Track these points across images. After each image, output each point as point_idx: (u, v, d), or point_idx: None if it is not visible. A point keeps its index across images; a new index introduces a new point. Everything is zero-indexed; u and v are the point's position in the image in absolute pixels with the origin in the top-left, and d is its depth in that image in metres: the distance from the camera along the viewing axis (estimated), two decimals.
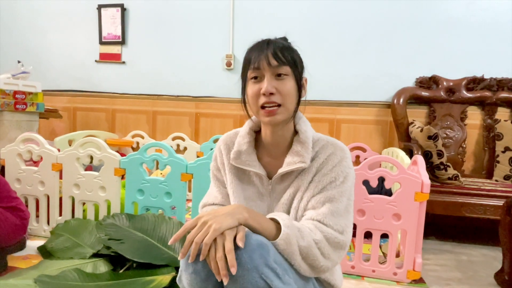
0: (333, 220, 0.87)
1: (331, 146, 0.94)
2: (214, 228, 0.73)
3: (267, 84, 0.87)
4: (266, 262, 0.74)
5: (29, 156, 2.02)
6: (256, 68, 0.88)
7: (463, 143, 2.58)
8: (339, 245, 0.87)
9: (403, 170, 1.58)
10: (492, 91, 2.53)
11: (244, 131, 1.00)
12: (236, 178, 1.00)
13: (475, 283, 1.69)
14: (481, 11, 2.60)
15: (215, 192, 1.04)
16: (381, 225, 1.61)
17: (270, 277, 0.74)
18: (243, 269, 0.73)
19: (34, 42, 3.40)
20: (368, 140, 2.82)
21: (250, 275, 0.73)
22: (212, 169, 1.06)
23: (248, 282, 0.73)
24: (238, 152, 0.97)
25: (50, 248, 1.73)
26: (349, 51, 2.83)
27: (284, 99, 0.88)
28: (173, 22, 3.12)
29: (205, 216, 0.77)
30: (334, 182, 0.91)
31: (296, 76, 0.90)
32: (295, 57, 0.91)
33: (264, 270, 0.73)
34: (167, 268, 1.44)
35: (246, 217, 0.78)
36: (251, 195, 0.99)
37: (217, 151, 1.05)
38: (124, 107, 3.26)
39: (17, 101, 2.44)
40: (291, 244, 0.80)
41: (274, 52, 0.87)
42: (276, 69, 0.87)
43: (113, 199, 1.91)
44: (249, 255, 0.73)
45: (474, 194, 2.07)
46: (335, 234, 0.86)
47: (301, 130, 0.94)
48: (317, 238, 0.84)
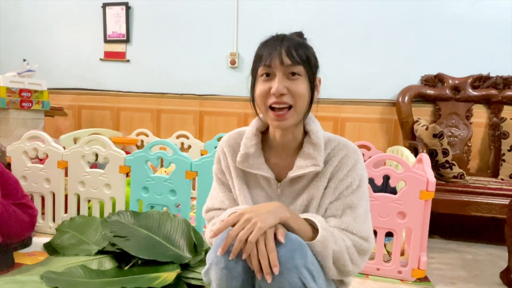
0: (356, 227, 0.86)
1: (344, 147, 0.90)
2: (260, 226, 0.73)
3: (278, 84, 0.81)
4: (305, 263, 0.74)
5: (35, 154, 2.03)
6: (267, 65, 0.82)
7: (468, 142, 2.56)
8: (365, 251, 0.86)
9: (408, 168, 1.57)
10: (498, 89, 2.51)
11: (250, 132, 0.94)
12: (243, 181, 0.95)
13: (480, 282, 1.69)
14: (487, 9, 2.58)
15: (221, 196, 0.99)
16: (386, 223, 1.61)
17: (308, 279, 0.73)
18: (283, 268, 0.72)
19: (39, 40, 3.42)
20: (372, 139, 2.81)
21: (289, 274, 0.72)
22: (215, 172, 1.01)
23: (286, 281, 0.72)
24: (245, 155, 0.92)
25: (56, 245, 1.74)
26: (354, 49, 2.82)
27: (295, 101, 0.82)
28: (177, 20, 3.12)
29: (247, 213, 0.76)
30: (351, 186, 0.88)
31: (310, 77, 0.85)
32: (310, 56, 0.85)
33: (303, 271, 0.73)
34: (172, 265, 1.44)
35: (288, 216, 0.78)
36: (259, 199, 0.95)
37: (220, 154, 0.99)
38: (129, 105, 3.27)
39: (23, 99, 2.45)
40: (327, 247, 0.79)
41: (287, 49, 0.82)
42: (289, 68, 0.82)
43: (118, 196, 1.92)
44: (291, 255, 0.73)
45: (479, 192, 2.05)
46: (361, 241, 0.85)
47: (312, 131, 0.89)
48: (347, 244, 0.84)
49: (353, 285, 1.56)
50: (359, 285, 1.57)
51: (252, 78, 0.90)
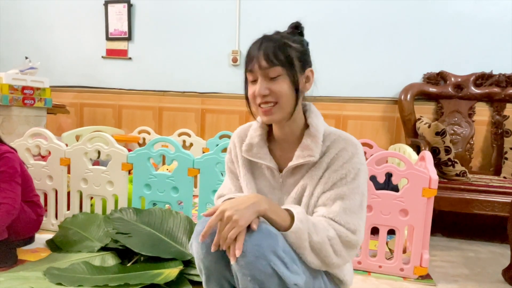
0: (345, 218, 0.87)
1: (343, 141, 0.92)
2: (240, 224, 0.78)
3: (259, 87, 0.88)
4: (274, 251, 0.78)
5: (38, 151, 2.03)
6: (249, 70, 0.90)
7: (471, 140, 2.56)
8: (351, 244, 0.87)
9: (410, 166, 1.57)
10: (501, 87, 2.50)
11: (256, 124, 1.00)
12: (248, 171, 1.01)
13: (482, 279, 1.69)
14: (490, 6, 2.56)
15: (229, 184, 1.06)
16: (388, 220, 1.61)
17: (278, 265, 0.78)
18: (251, 256, 0.77)
19: (41, 38, 3.42)
20: (374, 136, 2.81)
21: (258, 261, 0.77)
22: (226, 161, 1.08)
23: (256, 268, 0.77)
24: (250, 145, 0.98)
25: (59, 242, 1.75)
26: (356, 47, 2.81)
27: (278, 99, 0.88)
28: (179, 18, 3.12)
29: (228, 209, 0.79)
30: (345, 178, 0.90)
31: (291, 75, 0.88)
32: (289, 55, 0.88)
33: (272, 258, 0.78)
34: (174, 262, 1.45)
35: (266, 208, 0.82)
36: (263, 188, 0.99)
37: (231, 144, 1.06)
38: (131, 103, 3.27)
39: (25, 97, 2.46)
40: (301, 239, 0.82)
41: (265, 53, 0.87)
42: (267, 71, 0.87)
43: (121, 193, 1.92)
44: (258, 243, 0.78)
45: (481, 190, 2.05)
46: (347, 233, 0.87)
47: (312, 124, 0.94)
48: (330, 234, 0.85)
49: (355, 282, 1.56)
50: (362, 283, 1.57)
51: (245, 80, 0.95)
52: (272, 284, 0.79)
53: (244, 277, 0.79)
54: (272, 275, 0.78)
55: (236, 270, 0.80)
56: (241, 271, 0.79)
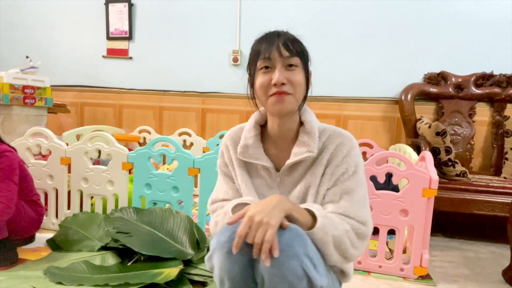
0: (354, 212, 0.89)
1: (339, 136, 0.94)
2: (273, 224, 0.76)
3: (278, 74, 0.87)
4: (305, 251, 0.77)
5: (38, 150, 2.04)
6: (267, 58, 0.88)
7: (471, 140, 2.56)
8: (363, 235, 0.89)
9: (411, 166, 1.57)
10: (502, 87, 2.50)
11: (249, 125, 1.00)
12: (245, 171, 1.00)
13: (482, 279, 1.69)
14: (491, 6, 2.56)
15: (225, 188, 1.03)
16: (388, 221, 1.61)
17: (309, 267, 0.77)
18: (284, 256, 0.75)
19: (42, 37, 3.42)
20: (375, 137, 2.81)
21: (290, 262, 0.75)
22: (219, 165, 1.06)
23: (287, 269, 0.75)
24: (245, 146, 0.97)
25: (59, 241, 1.75)
26: (357, 47, 2.81)
27: (294, 89, 0.88)
28: (180, 18, 3.12)
29: (256, 214, 0.77)
30: (347, 172, 0.91)
31: (305, 68, 0.91)
32: (304, 49, 0.92)
33: (304, 259, 0.76)
34: (174, 261, 1.45)
35: (291, 207, 0.82)
36: (260, 189, 0.99)
37: (223, 148, 1.04)
38: (131, 102, 3.27)
39: (26, 96, 2.46)
40: (327, 234, 0.82)
41: (285, 43, 0.88)
42: (287, 59, 0.88)
43: (121, 193, 1.92)
44: (290, 243, 0.76)
45: (482, 191, 2.05)
46: (359, 225, 0.88)
47: (306, 121, 0.94)
48: (346, 228, 0.86)
49: (355, 282, 1.56)
50: (361, 283, 1.57)
51: (251, 72, 0.94)
52: (301, 286, 0.76)
53: (275, 277, 0.76)
54: (302, 276, 0.76)
55: (265, 271, 0.77)
56: (271, 272, 0.76)
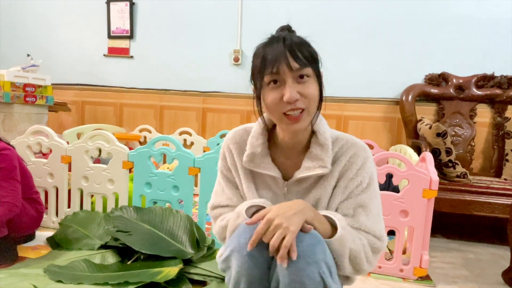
0: (370, 226, 0.86)
1: (352, 146, 0.89)
2: (292, 230, 0.74)
3: (290, 91, 0.78)
4: (325, 259, 0.75)
5: (39, 148, 2.04)
6: (275, 72, 0.79)
7: (472, 141, 2.56)
8: (378, 250, 0.87)
9: (411, 167, 1.57)
10: (503, 88, 2.50)
11: (256, 132, 0.92)
12: (250, 180, 0.94)
13: (482, 281, 1.69)
14: (492, 7, 2.56)
15: (228, 194, 0.97)
16: (388, 221, 1.61)
17: (326, 274, 0.75)
18: (303, 262, 0.73)
19: (43, 36, 3.42)
20: (375, 137, 2.81)
21: (309, 268, 0.73)
22: (221, 168, 0.99)
23: (306, 275, 0.73)
24: (252, 155, 0.90)
25: (59, 239, 1.75)
26: (358, 47, 2.81)
27: (308, 103, 0.80)
28: (181, 17, 3.12)
29: (276, 217, 0.75)
30: (361, 185, 0.87)
31: (318, 75, 0.83)
32: (313, 53, 0.82)
33: (323, 266, 0.75)
34: (174, 260, 1.45)
35: (313, 216, 0.80)
36: (266, 197, 0.94)
37: (225, 150, 0.97)
38: (132, 101, 3.27)
39: (27, 94, 2.46)
40: (344, 246, 0.80)
41: (292, 51, 0.78)
42: (298, 72, 0.79)
43: (121, 191, 1.92)
44: (312, 249, 0.74)
45: (482, 192, 2.05)
46: (375, 240, 0.86)
47: (320, 131, 0.88)
48: (364, 243, 0.84)
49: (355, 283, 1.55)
50: (361, 283, 1.57)
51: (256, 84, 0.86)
52: None
53: (292, 283, 0.74)
54: (319, 283, 0.74)
55: (282, 276, 0.75)
56: (289, 277, 0.74)
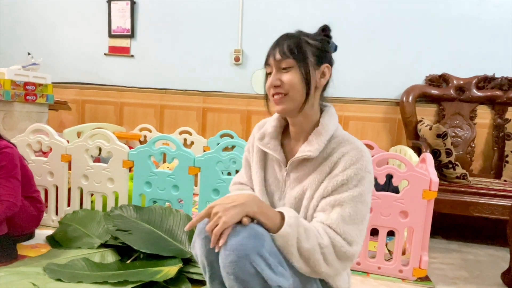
0: (343, 227, 0.85)
1: (348, 145, 0.91)
2: (224, 221, 0.79)
3: (271, 78, 0.93)
4: (258, 252, 0.78)
5: (39, 147, 2.04)
6: (267, 64, 0.95)
7: (472, 143, 2.56)
8: (346, 255, 0.84)
9: (411, 168, 1.57)
10: (503, 90, 2.50)
11: (274, 116, 1.03)
12: (260, 160, 1.04)
13: (481, 282, 1.69)
14: (493, 8, 2.56)
15: (243, 172, 1.12)
16: (388, 222, 1.61)
17: (261, 266, 0.77)
18: (235, 255, 0.77)
19: (44, 34, 3.42)
20: (376, 138, 2.81)
21: (241, 261, 0.77)
22: (245, 150, 1.12)
23: (239, 268, 0.77)
24: (263, 134, 1.01)
25: (59, 238, 1.75)
26: (359, 48, 2.81)
27: (288, 90, 0.91)
28: (182, 16, 3.12)
29: (216, 206, 0.82)
30: (346, 185, 0.87)
31: (302, 68, 0.91)
32: (303, 49, 0.91)
33: (256, 258, 0.77)
34: (174, 260, 1.45)
35: (255, 211, 0.82)
36: (269, 180, 1.02)
37: (251, 135, 1.09)
38: (132, 100, 3.27)
39: (27, 92, 2.46)
40: (288, 244, 0.81)
41: (280, 46, 0.91)
42: (280, 62, 0.91)
43: (121, 190, 1.92)
44: (242, 243, 0.77)
45: (482, 193, 2.05)
46: (343, 243, 0.84)
47: (322, 123, 0.95)
48: (323, 242, 0.83)
49: (354, 283, 1.56)
50: (360, 284, 1.57)
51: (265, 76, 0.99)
52: (255, 284, 0.78)
53: (228, 275, 0.79)
54: (255, 275, 0.77)
55: (221, 268, 0.81)
56: (225, 270, 0.79)
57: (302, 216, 0.92)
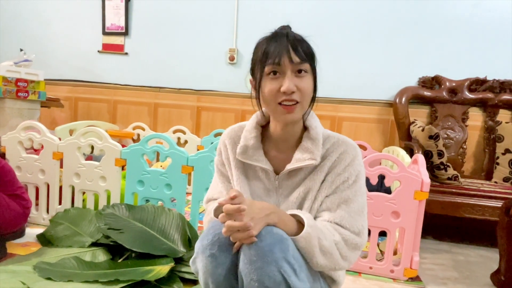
0: (350, 222, 0.88)
1: (343, 144, 0.92)
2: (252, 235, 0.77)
3: (288, 82, 0.83)
4: (285, 257, 0.76)
5: (30, 144, 2.02)
6: (276, 63, 0.84)
7: (463, 144, 2.58)
8: (357, 246, 0.88)
9: (403, 168, 1.58)
10: (495, 93, 2.52)
11: (250, 125, 0.97)
12: (242, 173, 0.98)
13: (471, 283, 1.70)
14: (486, 12, 2.59)
15: (220, 187, 1.02)
16: (379, 222, 1.62)
17: (288, 273, 0.76)
18: (262, 261, 0.75)
19: (37, 31, 3.39)
20: (369, 139, 2.82)
21: (268, 267, 0.75)
22: (216, 163, 1.04)
23: (266, 274, 0.75)
24: (245, 147, 0.95)
25: (49, 236, 1.73)
26: (352, 49, 2.82)
27: (302, 97, 0.85)
28: (177, 15, 3.10)
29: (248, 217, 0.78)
30: (347, 181, 0.90)
31: (315, 73, 0.89)
32: (312, 52, 0.88)
33: (283, 265, 0.75)
34: (165, 259, 1.45)
35: (276, 222, 0.81)
36: (257, 191, 0.97)
37: (221, 146, 1.02)
38: (126, 98, 3.25)
39: (19, 89, 2.43)
40: (311, 244, 0.81)
41: (295, 46, 0.84)
42: (297, 65, 0.84)
43: (113, 189, 1.91)
44: (270, 248, 0.76)
45: (473, 195, 2.07)
46: (353, 236, 0.87)
47: (311, 126, 0.92)
48: (336, 239, 0.86)
49: (346, 283, 1.57)
50: (352, 283, 1.58)
51: (256, 74, 0.90)
52: None
53: (252, 282, 0.76)
54: (281, 282, 0.75)
55: (243, 275, 0.78)
56: (249, 276, 0.76)
57: None
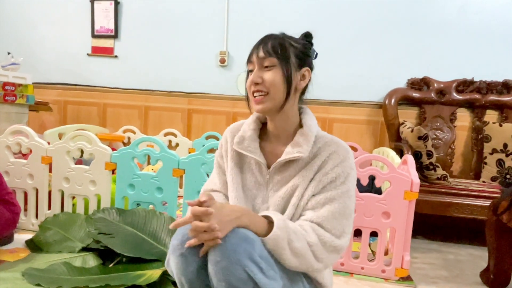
0: (332, 223, 0.88)
1: (334, 144, 0.94)
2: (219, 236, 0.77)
3: (253, 74, 0.93)
4: (250, 256, 0.77)
5: (18, 149, 1.99)
6: (249, 61, 0.95)
7: (452, 144, 2.62)
8: (335, 249, 0.88)
9: (393, 169, 1.60)
10: (482, 93, 2.57)
11: (251, 119, 1.03)
12: (236, 165, 1.01)
13: (461, 281, 1.73)
14: (473, 15, 2.64)
15: (215, 178, 1.07)
16: (370, 223, 1.63)
17: (254, 271, 0.77)
18: (227, 261, 0.76)
19: (25, 33, 3.34)
20: (359, 140, 2.84)
21: (233, 267, 0.76)
22: (216, 155, 1.09)
23: (231, 274, 0.76)
24: (242, 137, 0.99)
25: (39, 242, 1.71)
26: (342, 51, 2.84)
27: (269, 88, 0.91)
28: (167, 17, 3.10)
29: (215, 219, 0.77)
30: (335, 182, 0.91)
31: (284, 67, 0.92)
32: (286, 50, 0.92)
33: (248, 264, 0.77)
34: (157, 263, 1.44)
35: (246, 223, 0.82)
36: (249, 184, 1.00)
37: (223, 139, 1.07)
38: (116, 101, 3.23)
39: (7, 93, 2.40)
40: (279, 245, 0.82)
41: (264, 44, 0.92)
42: (263, 60, 0.92)
43: (104, 193, 1.89)
44: (234, 248, 0.77)
45: (461, 194, 2.10)
46: (332, 238, 0.88)
47: (306, 124, 0.96)
48: (311, 240, 0.86)
49: (338, 284, 1.57)
50: (344, 284, 1.58)
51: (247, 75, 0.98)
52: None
53: (220, 282, 0.77)
54: (247, 281, 0.76)
55: (212, 276, 0.79)
56: (216, 277, 0.78)
57: (291, 214, 0.93)
